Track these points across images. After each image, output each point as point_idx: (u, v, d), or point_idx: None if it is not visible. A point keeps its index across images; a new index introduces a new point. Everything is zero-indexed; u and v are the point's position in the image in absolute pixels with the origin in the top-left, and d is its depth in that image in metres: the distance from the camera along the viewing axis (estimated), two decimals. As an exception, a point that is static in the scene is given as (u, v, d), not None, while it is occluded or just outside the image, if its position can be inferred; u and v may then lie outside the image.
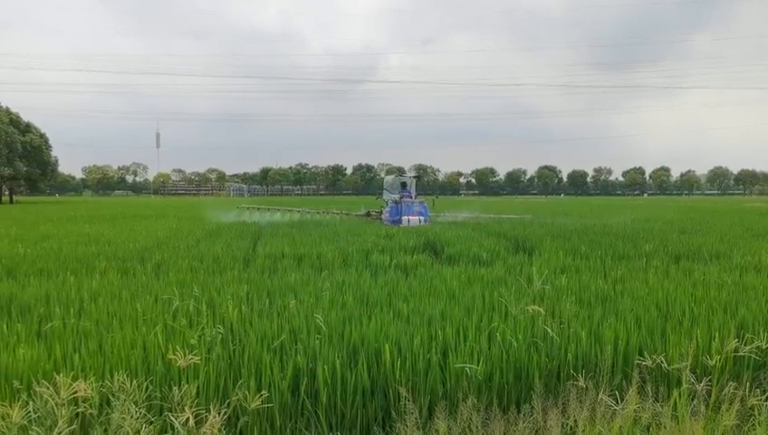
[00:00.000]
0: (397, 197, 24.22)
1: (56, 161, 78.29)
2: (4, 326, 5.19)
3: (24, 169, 67.71)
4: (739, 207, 43.75)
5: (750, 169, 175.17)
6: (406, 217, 21.82)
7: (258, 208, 28.70)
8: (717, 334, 4.76)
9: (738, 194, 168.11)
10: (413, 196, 24.97)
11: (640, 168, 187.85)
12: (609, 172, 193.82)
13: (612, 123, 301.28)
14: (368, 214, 27.68)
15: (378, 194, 29.93)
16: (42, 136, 72.69)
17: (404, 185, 25.86)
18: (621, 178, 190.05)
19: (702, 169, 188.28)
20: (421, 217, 22.13)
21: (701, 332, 4.83)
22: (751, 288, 7.16)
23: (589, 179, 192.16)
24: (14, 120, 68.12)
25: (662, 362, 4.19)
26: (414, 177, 27.74)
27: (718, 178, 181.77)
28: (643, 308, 5.95)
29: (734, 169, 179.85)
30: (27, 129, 70.31)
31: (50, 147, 74.78)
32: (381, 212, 25.58)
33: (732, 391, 3.98)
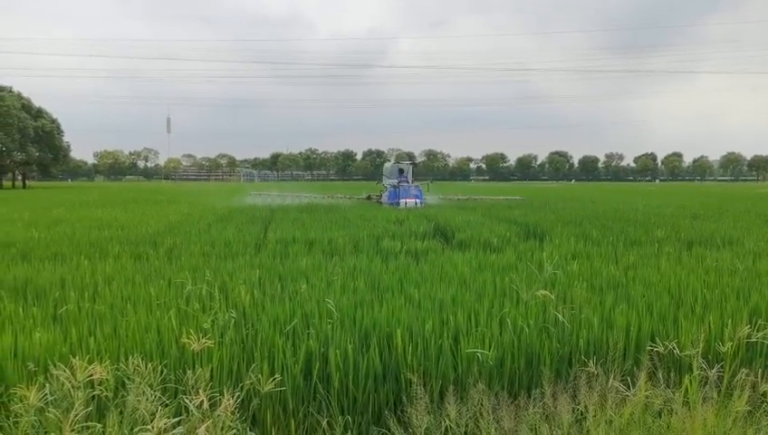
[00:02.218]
0: (395, 182, 25.91)
1: (68, 146, 78.72)
2: (21, 310, 5.26)
3: (37, 153, 68.12)
4: (752, 193, 43.30)
5: (763, 154, 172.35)
6: (403, 200, 23.19)
7: (269, 195, 30.69)
8: (730, 321, 4.73)
9: (751, 180, 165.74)
10: (410, 181, 26.86)
11: (652, 153, 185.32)
12: (621, 158, 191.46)
13: (624, 108, 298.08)
14: (368, 197, 29.03)
15: (378, 180, 31.46)
16: (53, 121, 72.96)
17: (401, 171, 27.64)
18: (633, 164, 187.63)
19: (715, 155, 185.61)
20: (417, 200, 23.55)
21: (713, 318, 4.80)
22: (764, 274, 7.11)
23: (600, 165, 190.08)
24: (26, 106, 68.36)
25: (674, 348, 4.18)
26: (411, 163, 30.08)
27: (731, 163, 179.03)
28: (655, 294, 5.92)
29: (748, 154, 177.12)
30: (39, 114, 70.58)
31: (62, 132, 75.10)
32: (381, 196, 26.97)
33: (744, 377, 3.95)
